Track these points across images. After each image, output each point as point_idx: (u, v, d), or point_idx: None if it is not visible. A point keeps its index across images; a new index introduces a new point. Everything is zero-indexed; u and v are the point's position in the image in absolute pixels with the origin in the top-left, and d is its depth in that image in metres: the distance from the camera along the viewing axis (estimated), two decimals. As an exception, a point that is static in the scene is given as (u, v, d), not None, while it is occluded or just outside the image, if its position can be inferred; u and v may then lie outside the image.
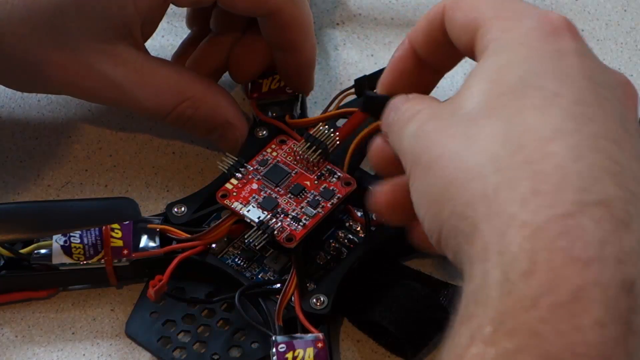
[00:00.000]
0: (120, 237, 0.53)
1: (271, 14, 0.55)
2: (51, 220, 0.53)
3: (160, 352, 0.52)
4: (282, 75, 0.59)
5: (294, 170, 0.54)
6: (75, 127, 0.61)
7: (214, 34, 0.59)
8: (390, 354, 0.53)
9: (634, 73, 0.64)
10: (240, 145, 0.57)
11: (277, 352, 0.49)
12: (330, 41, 0.65)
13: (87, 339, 0.54)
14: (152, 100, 0.55)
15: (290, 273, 0.52)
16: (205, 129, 0.57)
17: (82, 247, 0.53)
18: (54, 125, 0.61)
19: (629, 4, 0.66)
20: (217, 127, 0.56)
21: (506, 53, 0.42)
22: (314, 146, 0.54)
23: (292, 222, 0.52)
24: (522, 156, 0.39)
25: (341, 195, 0.53)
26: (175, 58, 0.60)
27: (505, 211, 0.38)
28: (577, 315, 0.36)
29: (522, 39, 0.43)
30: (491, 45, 0.43)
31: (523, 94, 0.41)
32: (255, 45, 0.58)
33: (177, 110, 0.55)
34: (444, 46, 0.47)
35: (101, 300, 0.55)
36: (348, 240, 0.54)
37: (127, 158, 0.60)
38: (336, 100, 0.58)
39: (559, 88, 0.41)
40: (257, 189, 0.54)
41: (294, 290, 0.51)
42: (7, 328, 0.54)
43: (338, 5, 0.67)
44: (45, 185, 0.59)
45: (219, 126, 0.56)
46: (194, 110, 0.56)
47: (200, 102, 0.56)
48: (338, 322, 0.54)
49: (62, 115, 0.62)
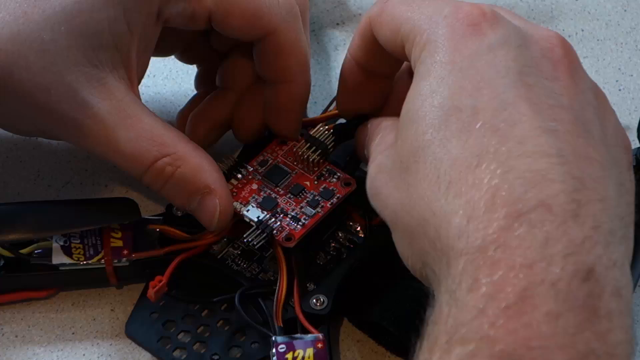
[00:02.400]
0: (120, 237, 0.53)
1: (266, 36, 0.53)
2: (51, 220, 0.53)
3: (160, 352, 0.52)
4: (269, 114, 0.56)
5: (294, 171, 0.54)
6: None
7: (219, 89, 0.58)
8: (390, 354, 0.53)
9: (634, 73, 0.64)
10: (218, 221, 0.52)
11: (277, 352, 0.49)
12: (330, 41, 0.65)
13: (87, 339, 0.54)
14: (132, 145, 0.50)
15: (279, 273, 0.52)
16: (185, 193, 0.51)
17: (82, 247, 0.53)
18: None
19: (629, 4, 0.67)
20: (196, 193, 0.51)
21: (424, 81, 0.44)
22: (313, 146, 0.54)
23: (291, 221, 0.52)
24: (453, 192, 0.41)
25: (341, 195, 0.53)
26: (180, 115, 0.59)
27: (449, 246, 0.40)
28: (526, 313, 0.37)
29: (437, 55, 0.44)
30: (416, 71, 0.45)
31: (444, 124, 0.42)
32: (257, 103, 0.56)
33: (157, 166, 0.51)
34: (383, 54, 0.49)
35: (101, 300, 0.55)
36: (348, 241, 0.54)
37: (127, 158, 0.60)
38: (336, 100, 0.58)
39: (476, 101, 0.42)
40: (256, 189, 0.54)
41: (286, 290, 0.51)
42: (7, 328, 0.54)
43: (338, 5, 0.67)
44: (45, 185, 0.59)
45: (199, 191, 0.51)
46: (174, 169, 0.51)
47: (182, 160, 0.51)
48: (338, 322, 0.54)
49: (62, 115, 0.62)
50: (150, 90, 0.63)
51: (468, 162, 0.41)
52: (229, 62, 0.57)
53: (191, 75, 0.61)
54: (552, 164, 0.40)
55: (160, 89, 0.63)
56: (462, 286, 0.39)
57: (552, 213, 0.39)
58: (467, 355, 0.37)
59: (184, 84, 0.64)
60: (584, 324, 0.37)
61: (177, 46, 0.58)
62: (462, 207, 0.40)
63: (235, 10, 0.53)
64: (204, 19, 0.53)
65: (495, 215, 0.39)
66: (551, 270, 0.38)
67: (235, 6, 0.53)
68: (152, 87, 0.63)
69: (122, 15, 0.50)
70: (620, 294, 0.38)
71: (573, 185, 0.39)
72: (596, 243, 0.38)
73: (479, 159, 0.40)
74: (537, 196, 0.39)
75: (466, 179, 0.40)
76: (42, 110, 0.50)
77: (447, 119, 0.42)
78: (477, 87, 0.42)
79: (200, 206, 0.52)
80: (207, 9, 0.52)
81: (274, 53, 0.54)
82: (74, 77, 0.50)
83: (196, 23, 0.53)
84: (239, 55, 0.56)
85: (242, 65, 0.56)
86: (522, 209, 0.39)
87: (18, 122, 0.53)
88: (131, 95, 0.51)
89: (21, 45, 0.49)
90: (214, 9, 0.52)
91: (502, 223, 0.39)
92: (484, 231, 0.39)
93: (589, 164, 0.40)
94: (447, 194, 0.41)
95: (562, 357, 0.37)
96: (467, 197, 0.40)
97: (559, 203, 0.39)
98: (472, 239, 0.39)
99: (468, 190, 0.40)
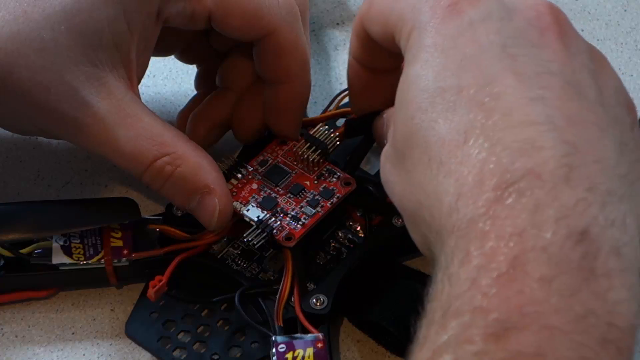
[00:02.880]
0: (120, 237, 0.53)
1: (266, 36, 0.53)
2: (51, 220, 0.53)
3: (160, 352, 0.52)
4: (269, 114, 0.56)
5: (294, 170, 0.54)
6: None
7: (219, 89, 0.58)
8: (390, 354, 0.53)
9: (634, 73, 0.64)
10: (217, 220, 0.52)
11: (277, 352, 0.49)
12: (330, 41, 0.65)
13: (87, 339, 0.54)
14: (132, 144, 0.50)
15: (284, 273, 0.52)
16: (184, 192, 0.51)
17: (82, 247, 0.53)
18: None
19: (629, 4, 0.67)
20: (196, 192, 0.51)
21: (412, 68, 0.44)
22: (313, 146, 0.54)
23: (291, 221, 0.52)
24: (444, 172, 0.41)
25: (341, 195, 0.53)
26: (180, 115, 0.59)
27: (441, 226, 0.40)
28: (518, 280, 0.37)
29: (421, 41, 0.44)
30: (405, 57, 0.45)
31: (431, 107, 0.42)
32: (257, 103, 0.56)
33: (156, 165, 0.51)
34: (381, 50, 0.49)
35: (101, 300, 0.55)
36: (348, 240, 0.54)
37: (127, 158, 0.60)
38: (336, 100, 0.58)
39: (460, 80, 0.42)
40: (256, 189, 0.54)
41: (289, 290, 0.51)
42: (7, 328, 0.54)
43: (338, 5, 0.67)
44: (45, 185, 0.59)
45: (198, 191, 0.51)
46: (173, 168, 0.51)
47: (181, 160, 0.51)
48: (338, 322, 0.54)
49: (62, 115, 0.62)
50: (150, 90, 0.63)
51: (455, 141, 0.41)
52: (229, 62, 0.57)
53: (191, 75, 0.61)
54: (540, 131, 0.39)
55: (160, 89, 0.63)
56: (454, 261, 0.39)
57: (541, 179, 0.38)
58: (462, 327, 0.37)
59: (184, 84, 0.64)
60: (580, 285, 0.37)
61: (176, 46, 0.58)
62: (452, 185, 0.40)
63: (235, 10, 0.53)
64: (203, 19, 0.53)
65: (483, 189, 0.39)
66: (542, 235, 0.37)
67: (235, 6, 0.53)
68: (152, 87, 0.63)
69: (122, 15, 0.50)
70: (619, 253, 0.38)
71: (564, 149, 0.39)
72: (590, 204, 0.38)
73: (466, 135, 0.40)
74: (525, 165, 0.39)
75: (455, 156, 0.40)
76: (42, 109, 0.50)
77: (432, 101, 0.42)
78: (460, 65, 0.42)
79: (199, 206, 0.52)
80: (207, 9, 0.52)
81: (274, 53, 0.54)
82: (73, 76, 0.50)
83: (196, 23, 0.53)
84: (239, 55, 0.56)
85: (242, 65, 0.56)
86: (509, 179, 0.39)
87: (18, 122, 0.53)
88: (131, 95, 0.51)
89: (21, 44, 0.49)
90: (214, 9, 0.52)
91: (490, 195, 0.39)
92: (473, 205, 0.39)
93: (583, 127, 0.40)
94: (437, 174, 0.41)
95: (558, 320, 0.36)
96: (457, 175, 0.40)
97: (548, 169, 0.39)
98: (461, 214, 0.39)
99: (457, 167, 0.40)
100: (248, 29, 0.53)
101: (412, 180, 0.43)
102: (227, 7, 0.52)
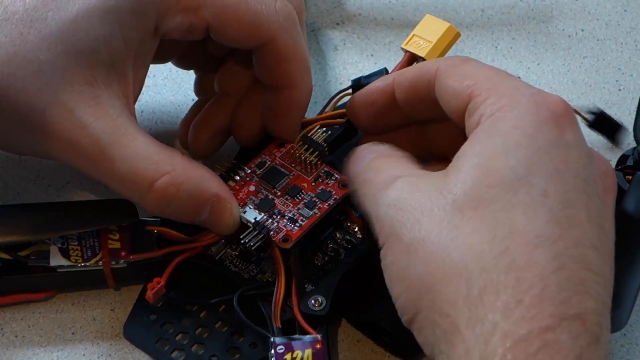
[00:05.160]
0: (118, 238, 0.53)
1: (265, 44, 0.53)
2: (49, 222, 0.53)
3: (158, 353, 0.52)
4: (269, 118, 0.55)
5: (291, 172, 0.54)
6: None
7: (218, 95, 0.57)
8: (389, 355, 0.53)
9: (634, 73, 0.64)
10: (234, 223, 0.52)
11: (275, 353, 0.49)
12: (330, 41, 0.65)
13: (87, 339, 0.54)
14: (128, 164, 0.49)
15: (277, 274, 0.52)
16: (193, 208, 0.51)
17: (80, 249, 0.53)
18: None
19: (629, 4, 0.66)
20: (205, 204, 0.51)
21: (499, 137, 0.43)
22: (311, 148, 0.54)
23: (288, 222, 0.52)
24: (507, 261, 0.41)
25: (338, 196, 0.53)
26: (182, 123, 0.58)
27: (488, 319, 0.40)
28: None
29: (518, 122, 0.44)
30: (485, 122, 0.44)
31: (513, 190, 0.42)
32: (255, 106, 0.56)
33: (158, 188, 0.50)
34: (425, 103, 0.49)
35: (101, 300, 0.55)
36: (346, 241, 0.54)
37: (126, 159, 0.60)
38: (333, 100, 0.58)
39: (548, 186, 0.42)
40: (254, 191, 0.54)
41: (285, 291, 0.51)
42: (7, 328, 0.54)
43: (338, 5, 0.67)
44: (45, 185, 0.59)
45: (207, 202, 0.51)
46: (176, 189, 0.50)
47: (182, 177, 0.50)
48: (336, 322, 0.54)
49: (63, 115, 0.62)
50: (150, 90, 0.63)
51: (528, 239, 0.41)
52: (226, 68, 0.57)
53: (191, 75, 0.60)
54: (592, 281, 0.41)
55: (161, 89, 0.64)
56: None
57: (586, 329, 0.40)
58: None
59: (184, 83, 0.64)
60: None
61: (173, 54, 0.58)
62: (514, 285, 0.40)
63: (232, 20, 0.52)
64: (201, 31, 0.52)
65: (544, 310, 0.40)
66: None
67: (233, 16, 0.52)
68: (153, 87, 0.63)
69: (118, 32, 0.50)
70: None
71: (601, 307, 0.41)
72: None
73: (539, 240, 0.41)
74: (578, 306, 0.40)
75: (524, 255, 0.41)
76: (37, 132, 0.49)
77: (517, 188, 0.42)
78: (550, 174, 0.43)
79: (211, 216, 0.51)
80: (205, 21, 0.52)
81: (274, 60, 0.53)
82: (69, 96, 0.49)
83: (194, 35, 0.53)
84: (236, 60, 0.56)
85: (240, 70, 0.56)
86: (565, 314, 0.40)
87: (12, 143, 0.52)
88: (126, 114, 0.50)
89: (17, 68, 0.49)
90: (212, 20, 0.52)
91: (548, 321, 0.40)
92: (532, 322, 0.40)
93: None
94: (498, 260, 0.41)
95: None
96: (521, 275, 0.40)
97: (591, 320, 0.40)
98: (518, 325, 0.40)
99: (522, 268, 0.41)
100: (247, 38, 0.53)
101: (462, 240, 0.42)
102: (225, 17, 0.52)
